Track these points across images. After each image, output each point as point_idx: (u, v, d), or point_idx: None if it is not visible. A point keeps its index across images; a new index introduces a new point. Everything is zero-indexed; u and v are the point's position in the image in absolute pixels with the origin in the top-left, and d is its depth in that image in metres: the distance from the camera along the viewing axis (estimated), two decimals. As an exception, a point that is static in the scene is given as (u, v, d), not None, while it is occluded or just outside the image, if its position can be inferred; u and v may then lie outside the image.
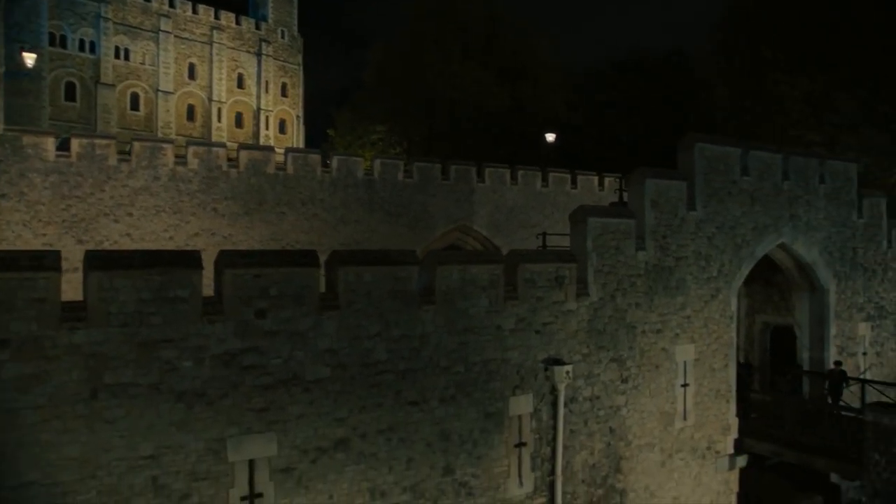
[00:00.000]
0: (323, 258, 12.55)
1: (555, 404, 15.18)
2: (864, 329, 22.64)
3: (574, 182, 36.98)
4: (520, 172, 35.88)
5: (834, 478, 21.38)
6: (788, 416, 18.67)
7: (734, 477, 19.17)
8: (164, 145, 29.38)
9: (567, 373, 15.02)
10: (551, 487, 15.26)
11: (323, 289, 12.79)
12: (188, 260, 11.19)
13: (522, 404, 14.80)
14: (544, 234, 21.48)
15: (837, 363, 21.07)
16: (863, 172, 28.92)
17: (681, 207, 17.66)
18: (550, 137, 41.23)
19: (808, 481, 21.64)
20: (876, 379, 21.85)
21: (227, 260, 11.59)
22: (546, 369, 15.03)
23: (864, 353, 22.57)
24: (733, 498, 19.13)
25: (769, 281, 23.12)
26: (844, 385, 20.46)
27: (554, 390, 15.12)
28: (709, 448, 18.53)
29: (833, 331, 21.83)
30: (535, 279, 14.95)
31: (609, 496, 16.44)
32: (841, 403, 19.70)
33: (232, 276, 11.44)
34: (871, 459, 16.08)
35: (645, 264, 16.92)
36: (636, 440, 16.86)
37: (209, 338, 11.25)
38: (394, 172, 32.59)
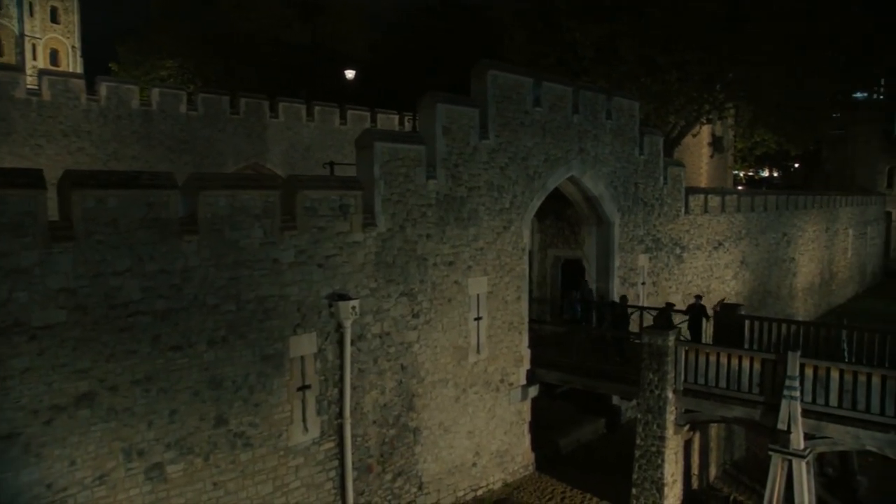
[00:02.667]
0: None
1: (341, 343, 14.12)
2: (643, 260, 23.88)
3: (374, 120, 35.70)
4: (316, 109, 33.95)
5: (615, 400, 22.59)
6: (576, 344, 19.12)
7: (527, 407, 19.43)
8: None
9: (353, 308, 13.99)
10: (340, 431, 14.30)
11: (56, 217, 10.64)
12: None
13: (305, 344, 13.58)
14: (332, 164, 20.10)
15: (698, 297, 21.58)
16: (643, 119, 30.50)
17: (473, 135, 17.06)
18: (350, 74, 39.56)
19: (593, 406, 22.68)
20: (654, 306, 23.09)
21: None
22: (330, 305, 13.89)
23: (643, 283, 23.84)
24: (525, 427, 19.41)
25: (560, 215, 23.60)
26: (704, 319, 20.69)
27: (340, 328, 14.03)
28: (502, 380, 18.53)
29: (617, 262, 22.76)
30: (316, 207, 13.61)
31: (402, 435, 15.82)
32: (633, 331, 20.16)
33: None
34: (645, 379, 16.80)
35: (436, 194, 16.17)
36: (429, 376, 16.33)
37: None
38: (175, 104, 29.35)
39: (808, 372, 15.24)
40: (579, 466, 20.15)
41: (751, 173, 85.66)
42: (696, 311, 20.71)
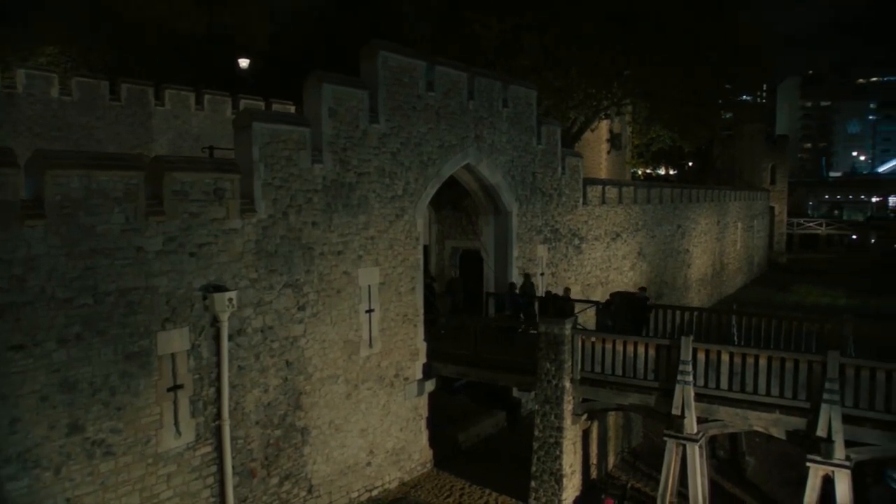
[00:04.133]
0: None
1: (217, 338, 13.02)
2: (542, 250, 23.70)
3: (269, 109, 34.21)
4: (207, 97, 32.15)
5: (516, 393, 22.27)
6: (474, 336, 18.62)
7: (423, 402, 18.80)
8: None
9: (230, 301, 12.91)
10: (218, 433, 13.18)
11: None
12: None
13: (176, 340, 12.40)
14: (211, 148, 18.82)
15: (642, 289, 21.10)
16: (543, 114, 30.49)
17: (362, 119, 16.24)
18: (244, 63, 37.83)
19: (494, 399, 22.30)
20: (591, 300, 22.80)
21: None
22: (204, 298, 12.76)
23: (542, 274, 23.67)
24: (422, 423, 18.77)
25: (458, 206, 23.11)
26: (647, 311, 20.15)
27: (216, 322, 12.93)
28: (397, 375, 17.82)
29: (515, 252, 22.46)
30: (187, 191, 12.45)
31: (289, 436, 14.84)
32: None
33: None
34: (542, 369, 16.47)
35: (323, 179, 15.27)
36: (318, 372, 15.41)
37: None
38: (45, 88, 27.00)
39: (701, 356, 15.29)
40: (480, 461, 19.71)
41: (649, 171, 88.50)
42: (638, 303, 20.18)
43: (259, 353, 14.00)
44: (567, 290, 20.63)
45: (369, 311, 16.69)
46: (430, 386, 18.70)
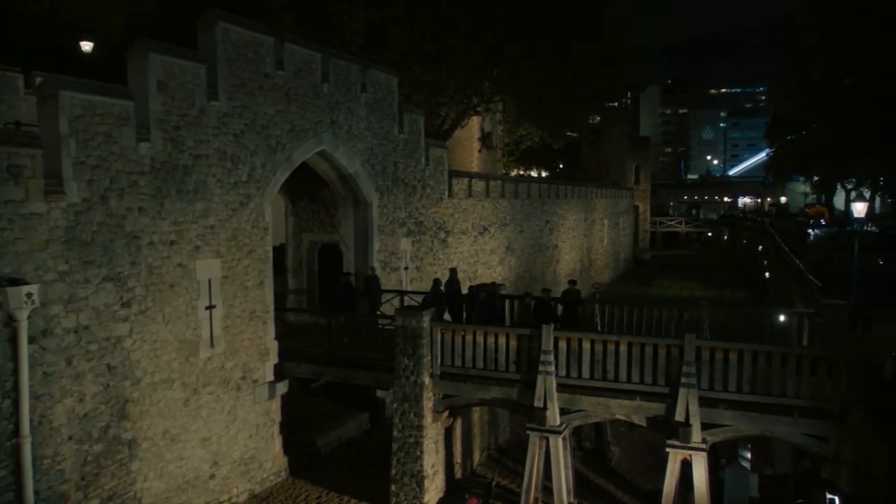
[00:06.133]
0: None
1: (14, 340, 11.11)
2: (405, 244, 22.80)
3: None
4: (38, 80, 28.97)
5: (380, 392, 21.22)
6: (328, 333, 17.42)
7: (276, 406, 17.36)
8: None
9: (30, 296, 11.07)
10: (16, 454, 11.24)
11: None
12: None
13: (-43, 344, 10.45)
14: (17, 123, 16.61)
15: (572, 283, 20.05)
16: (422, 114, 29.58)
17: (199, 95, 14.65)
18: (87, 46, 34.63)
19: (356, 400, 21.15)
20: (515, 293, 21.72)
21: None
22: (-4, 293, 10.86)
23: (406, 268, 22.77)
24: (275, 429, 17.34)
25: (315, 197, 21.80)
26: (580, 305, 19.06)
27: (12, 321, 11.03)
28: (244, 377, 16.30)
29: (377, 246, 21.42)
30: (-30, 168, 10.54)
31: (112, 450, 13.03)
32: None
33: None
34: (400, 364, 15.52)
35: (151, 160, 13.58)
36: (148, 377, 13.68)
37: None
38: None
39: (562, 345, 14.85)
40: (340, 467, 18.51)
41: (521, 173, 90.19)
42: (571, 298, 19.23)
43: (72, 356, 12.16)
44: (494, 284, 19.69)
45: (210, 307, 15.10)
46: (282, 388, 17.29)
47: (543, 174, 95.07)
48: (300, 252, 22.18)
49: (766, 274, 44.98)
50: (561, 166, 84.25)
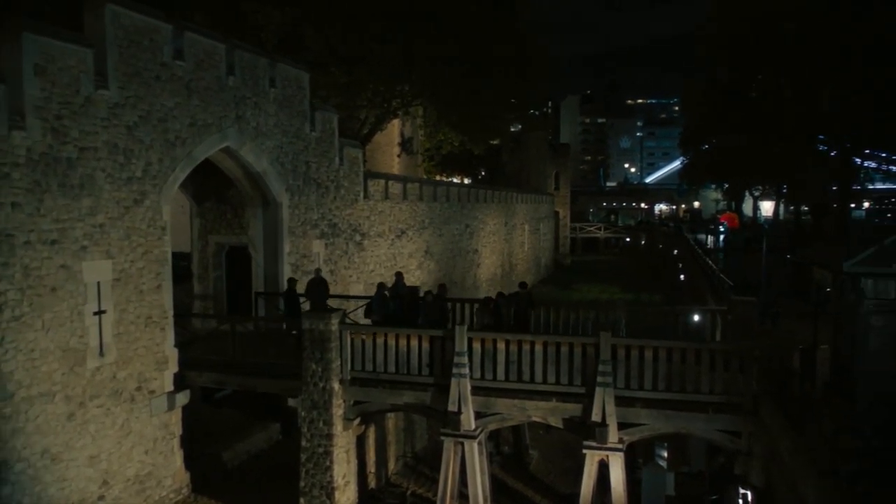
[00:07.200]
0: None
1: None
2: (318, 246, 21.95)
3: None
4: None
5: (292, 402, 20.23)
6: (232, 339, 16.44)
7: (176, 418, 16.23)
8: None
9: None
10: None
11: None
12: None
13: None
14: None
15: (523, 285, 19.02)
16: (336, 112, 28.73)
17: (85, 82, 13.51)
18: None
19: (267, 410, 20.13)
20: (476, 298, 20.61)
21: None
22: None
23: (320, 270, 21.86)
24: (175, 442, 16.20)
25: (222, 197, 20.70)
26: (531, 308, 17.83)
27: None
28: (140, 388, 15.14)
29: (288, 248, 20.50)
30: None
31: (-19, 473, 11.76)
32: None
33: None
34: (308, 370, 14.73)
35: (28, 151, 12.38)
36: (23, 390, 12.42)
37: None
38: None
39: (476, 346, 14.39)
40: (248, 481, 17.53)
41: (444, 179, 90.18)
42: (521, 300, 18.21)
43: (-70, 368, 10.88)
44: (442, 286, 18.67)
45: (99, 312, 13.92)
46: (182, 398, 16.18)
47: (466, 181, 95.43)
48: (206, 255, 20.99)
49: (682, 276, 46.07)
50: (483, 173, 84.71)
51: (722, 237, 62.17)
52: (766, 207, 22.73)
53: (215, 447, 17.88)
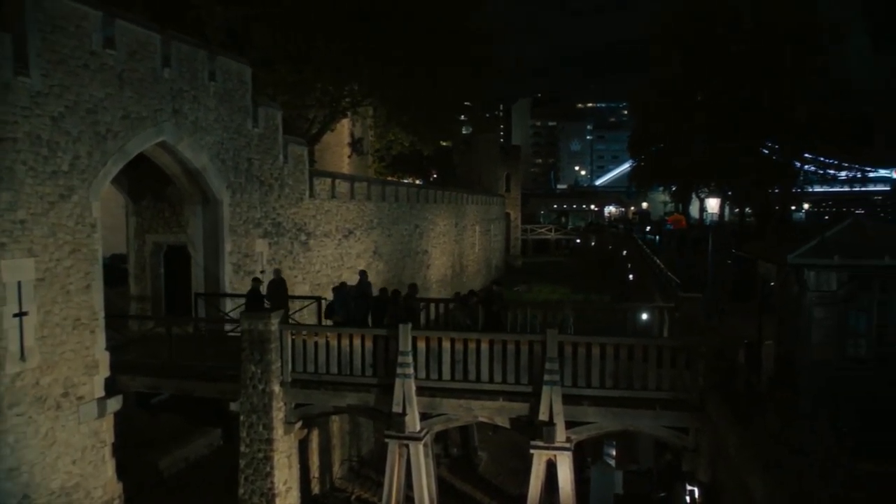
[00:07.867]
0: None
1: None
2: (261, 245, 21.29)
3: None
4: None
5: (234, 406, 19.56)
6: (169, 342, 15.74)
7: (107, 425, 15.42)
8: None
9: None
10: None
11: None
12: None
13: None
14: None
15: (497, 283, 19.09)
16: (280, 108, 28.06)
17: (4, 68, 12.72)
18: None
19: (208, 415, 19.40)
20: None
21: None
22: None
23: (263, 272, 21.23)
24: (106, 451, 15.38)
25: (160, 195, 19.91)
26: (503, 307, 17.22)
27: None
28: (66, 394, 14.31)
29: (229, 247, 19.81)
30: None
31: None
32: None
33: None
34: (247, 373, 14.16)
35: (-62, 141, 11.58)
36: (-65, 397, 11.59)
37: None
38: None
39: (421, 345, 14.03)
40: (185, 490, 16.84)
41: (395, 180, 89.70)
42: (496, 299, 17.48)
43: None
44: (413, 286, 18.09)
45: (20, 314, 13.10)
46: (114, 404, 15.39)
47: (417, 182, 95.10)
48: (143, 255, 20.14)
49: (630, 276, 46.52)
50: (435, 175, 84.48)
51: (658, 238, 63.73)
52: (713, 205, 23.08)
53: (151, 455, 17.11)
